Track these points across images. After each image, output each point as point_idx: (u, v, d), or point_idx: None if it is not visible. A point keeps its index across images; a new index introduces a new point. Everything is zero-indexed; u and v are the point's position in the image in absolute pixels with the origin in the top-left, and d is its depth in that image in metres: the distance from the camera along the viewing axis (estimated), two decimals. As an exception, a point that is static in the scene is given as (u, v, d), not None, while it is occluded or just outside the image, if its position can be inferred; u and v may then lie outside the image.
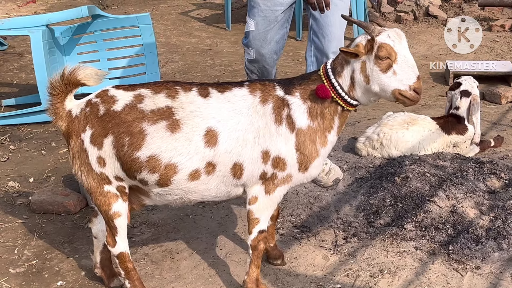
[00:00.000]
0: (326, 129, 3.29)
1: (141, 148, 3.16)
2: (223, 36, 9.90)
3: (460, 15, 10.20)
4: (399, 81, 3.11)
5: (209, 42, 9.57)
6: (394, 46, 3.10)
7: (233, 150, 3.22)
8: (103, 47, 6.85)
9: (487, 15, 10.12)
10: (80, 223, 4.42)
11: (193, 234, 4.23)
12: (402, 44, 3.13)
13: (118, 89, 3.31)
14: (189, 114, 3.21)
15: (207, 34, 10.04)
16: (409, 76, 3.12)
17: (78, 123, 3.27)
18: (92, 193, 3.32)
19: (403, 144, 5.05)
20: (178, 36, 9.87)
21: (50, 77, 3.33)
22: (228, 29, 10.20)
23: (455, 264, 3.78)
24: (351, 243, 4.05)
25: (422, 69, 8.05)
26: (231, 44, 9.44)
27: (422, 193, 4.32)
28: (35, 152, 5.64)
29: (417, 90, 3.12)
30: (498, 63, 7.58)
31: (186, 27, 10.47)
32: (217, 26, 10.44)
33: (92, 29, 6.72)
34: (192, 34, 10.02)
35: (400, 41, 3.12)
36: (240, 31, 10.12)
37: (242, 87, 3.35)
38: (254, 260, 3.46)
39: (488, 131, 5.90)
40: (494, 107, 6.58)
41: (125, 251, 3.45)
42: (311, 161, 3.30)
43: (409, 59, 3.13)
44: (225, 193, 3.36)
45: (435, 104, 6.77)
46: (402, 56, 3.11)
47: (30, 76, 7.76)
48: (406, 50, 3.13)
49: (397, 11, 10.33)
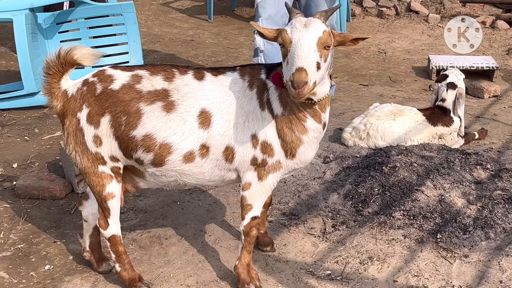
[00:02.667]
0: (299, 118, 3.21)
1: (137, 127, 3.17)
2: (205, 27, 9.89)
3: (441, 11, 10.32)
4: (287, 71, 2.93)
5: (191, 33, 9.56)
6: (291, 33, 2.93)
7: (225, 133, 3.23)
8: (86, 35, 6.79)
9: (468, 12, 10.22)
10: (66, 208, 4.40)
11: (181, 220, 4.24)
12: (303, 32, 2.91)
13: (116, 69, 3.30)
14: (184, 95, 3.22)
15: (189, 25, 10.02)
16: (291, 67, 2.89)
17: (74, 102, 3.25)
18: (86, 174, 3.30)
19: (390, 134, 5.10)
20: (160, 27, 9.84)
21: (34, 61, 3.30)
22: (210, 20, 10.19)
23: (444, 252, 3.84)
24: (340, 231, 4.09)
25: (405, 63, 8.13)
26: (214, 35, 9.43)
27: (409, 183, 4.37)
28: (18, 138, 5.59)
29: (293, 83, 2.85)
30: (480, 58, 7.68)
31: (167, 17, 10.44)
32: (199, 18, 10.42)
33: (75, 16, 6.66)
34: (174, 25, 10.00)
35: (302, 28, 2.92)
36: (222, 23, 10.13)
37: (235, 71, 3.36)
38: (246, 246, 3.46)
39: (472, 124, 5.98)
40: (477, 101, 6.66)
41: (117, 234, 3.44)
42: (295, 148, 3.27)
43: (299, 48, 2.88)
44: (219, 177, 3.37)
45: (418, 97, 6.84)
46: (294, 45, 2.89)
47: (10, 63, 7.68)
48: (304, 39, 2.89)
49: (379, 6, 10.39)
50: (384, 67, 8.05)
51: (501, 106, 6.54)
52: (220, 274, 3.68)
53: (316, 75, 2.93)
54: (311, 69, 2.89)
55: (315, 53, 2.91)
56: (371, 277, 3.63)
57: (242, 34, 9.50)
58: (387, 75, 7.70)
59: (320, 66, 2.94)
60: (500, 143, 5.54)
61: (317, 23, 2.97)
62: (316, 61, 2.92)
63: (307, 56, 2.89)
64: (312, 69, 2.90)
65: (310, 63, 2.89)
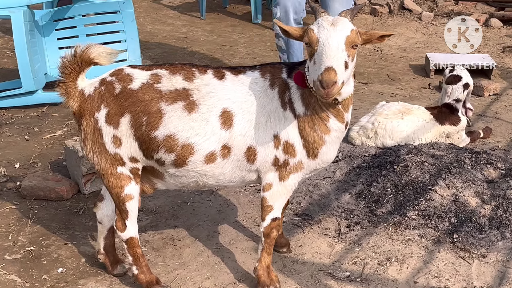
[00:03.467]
0: (322, 118, 3.16)
1: (158, 127, 3.10)
2: (198, 24, 9.80)
3: (434, 9, 10.33)
4: (314, 71, 2.88)
5: (185, 30, 9.47)
6: (318, 33, 2.88)
7: (247, 133, 3.17)
8: (83, 33, 6.69)
9: (461, 10, 10.23)
10: (74, 210, 4.32)
11: (193, 221, 4.17)
12: (330, 31, 2.85)
13: (134, 68, 3.24)
14: (205, 95, 3.16)
15: (181, 22, 9.93)
16: (319, 66, 2.84)
17: (91, 102, 3.18)
18: (104, 175, 3.23)
19: (398, 133, 5.07)
20: (152, 24, 9.73)
21: (32, 59, 3.23)
22: (202, 18, 10.10)
23: (461, 253, 3.81)
24: (355, 231, 4.05)
25: (401, 61, 8.12)
26: (207, 33, 9.35)
27: (422, 182, 4.34)
28: (18, 137, 5.49)
29: (322, 83, 2.80)
30: (477, 57, 7.68)
31: (159, 14, 10.33)
32: (191, 15, 10.33)
33: (72, 13, 6.56)
34: (166, 22, 9.90)
35: (329, 27, 2.86)
36: (214, 20, 10.05)
37: (255, 70, 3.31)
38: (266, 248, 3.41)
39: (475, 122, 5.97)
40: (477, 99, 6.65)
41: (135, 236, 3.38)
42: (317, 148, 3.22)
43: (327, 48, 2.83)
44: (239, 178, 3.31)
45: (419, 95, 6.83)
46: (321, 44, 2.84)
47: (3, 60, 7.56)
48: (332, 38, 2.84)
49: (372, 4, 10.37)
50: (381, 65, 8.03)
51: (502, 104, 6.54)
52: (238, 276, 3.62)
53: (344, 74, 2.89)
54: (340, 69, 2.84)
55: (343, 52, 2.87)
56: (391, 279, 3.59)
57: (236, 32, 9.43)
58: (385, 73, 7.68)
59: (347, 66, 2.90)
60: (505, 141, 5.54)
61: (345, 21, 2.92)
62: (344, 60, 2.87)
63: (336, 55, 2.84)
64: (341, 68, 2.85)
65: (339, 63, 2.85)
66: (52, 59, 6.57)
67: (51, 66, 6.56)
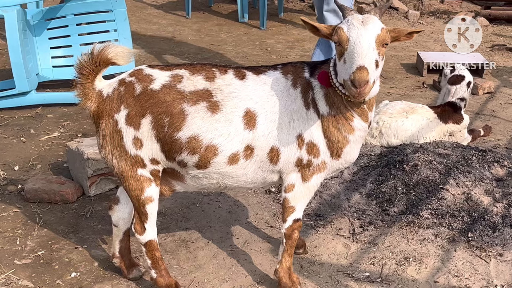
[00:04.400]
0: (346, 117, 3.13)
1: (182, 128, 3.05)
2: (184, 24, 9.72)
3: (420, 7, 10.37)
4: (345, 70, 2.86)
5: (171, 29, 9.38)
6: (348, 31, 2.85)
7: (270, 134, 3.13)
8: (75, 32, 6.60)
9: (447, 9, 10.31)
10: (81, 213, 4.24)
11: (204, 223, 4.12)
12: (361, 30, 2.83)
13: (154, 68, 3.17)
14: (227, 95, 3.11)
15: (167, 21, 9.84)
16: (350, 66, 2.82)
17: (110, 103, 3.11)
18: (124, 177, 3.16)
19: (403, 132, 5.07)
20: (138, 23, 9.63)
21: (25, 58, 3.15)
22: (188, 17, 10.03)
23: (477, 251, 3.80)
24: (369, 231, 4.02)
25: (393, 60, 8.13)
26: (195, 32, 9.28)
27: (433, 181, 4.33)
28: (14, 139, 5.38)
29: (354, 82, 2.79)
30: (468, 55, 7.71)
31: (144, 13, 10.24)
32: (176, 14, 10.25)
33: (64, 12, 6.46)
34: (152, 21, 9.80)
35: (360, 26, 2.84)
36: (200, 19, 9.98)
37: (276, 69, 3.27)
38: (288, 249, 3.37)
39: (473, 121, 5.98)
40: (473, 98, 6.66)
41: (154, 239, 3.32)
42: (341, 148, 3.19)
43: (359, 46, 2.81)
44: (261, 179, 3.27)
45: (414, 94, 6.83)
46: (352, 43, 2.82)
47: (-10, 60, 7.44)
48: (363, 37, 2.82)
49: (358, 2, 10.40)
50: (373, 63, 8.00)
51: (497, 102, 6.58)
52: (256, 278, 3.58)
53: (375, 73, 2.88)
54: (371, 68, 2.82)
55: (374, 51, 2.85)
56: (411, 278, 3.57)
57: (223, 31, 9.37)
58: (378, 72, 7.66)
59: (378, 64, 2.89)
60: (505, 139, 5.57)
61: (375, 20, 2.90)
62: (375, 59, 2.85)
63: (367, 54, 2.81)
64: (372, 67, 2.83)
65: (371, 61, 2.82)
66: (43, 59, 6.48)
67: (43, 66, 6.45)
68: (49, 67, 6.50)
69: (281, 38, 9.04)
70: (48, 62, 6.52)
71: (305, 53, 8.29)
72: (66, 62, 6.59)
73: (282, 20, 10.02)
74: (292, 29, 9.52)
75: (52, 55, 6.56)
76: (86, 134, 5.46)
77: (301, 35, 9.22)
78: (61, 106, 6.07)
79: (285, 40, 8.91)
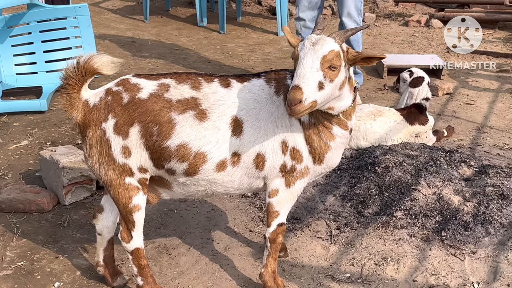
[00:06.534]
0: (325, 125, 3.23)
1: (171, 136, 3.10)
2: (143, 28, 9.72)
3: (375, 10, 10.57)
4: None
5: (131, 34, 9.37)
6: (300, 50, 2.97)
7: (256, 140, 3.20)
8: (38, 39, 6.56)
9: (401, 11, 10.54)
10: (58, 222, 4.23)
11: (184, 229, 4.16)
12: (308, 51, 2.93)
13: (140, 78, 3.22)
14: (214, 103, 3.18)
15: (125, 26, 9.82)
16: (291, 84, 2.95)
17: (97, 113, 3.14)
18: (112, 186, 3.19)
19: (372, 134, 5.19)
20: (96, 28, 9.53)
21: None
22: (146, 21, 10.03)
23: (452, 250, 3.94)
24: (346, 233, 4.13)
25: (352, 63, 8.26)
26: (154, 36, 9.28)
27: (405, 182, 4.46)
28: (-18, 148, 5.34)
29: (287, 100, 2.91)
30: (426, 57, 7.93)
31: (101, 18, 10.20)
32: (134, 18, 10.24)
33: (27, 19, 6.42)
34: (110, 26, 9.77)
35: (309, 47, 2.94)
36: (159, 24, 9.99)
37: (260, 77, 3.34)
38: (272, 253, 3.45)
39: (435, 122, 6.12)
40: (433, 99, 6.81)
41: (141, 247, 3.35)
42: (323, 153, 3.28)
43: (300, 66, 2.92)
44: (247, 185, 3.34)
45: (376, 96, 6.98)
46: (298, 62, 2.95)
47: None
48: (307, 58, 2.92)
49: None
50: (333, 66, 8.14)
51: (457, 103, 6.77)
52: (240, 282, 3.64)
53: (318, 94, 2.92)
54: (309, 88, 2.89)
55: (318, 72, 2.91)
56: (391, 278, 3.69)
57: (183, 35, 9.40)
58: (339, 75, 7.80)
59: (323, 86, 2.93)
60: (468, 139, 5.75)
61: (326, 42, 2.96)
62: (317, 81, 2.91)
63: (306, 74, 2.90)
64: (311, 88, 2.89)
65: (309, 82, 2.89)
66: (6, 66, 6.43)
67: (6, 74, 6.40)
68: (13, 75, 6.45)
69: (242, 41, 9.12)
70: (11, 70, 6.47)
71: (266, 56, 8.38)
72: (29, 69, 6.55)
73: (241, 23, 10.11)
74: (252, 33, 9.61)
75: (15, 63, 6.50)
76: (55, 142, 5.44)
77: (261, 38, 9.32)
78: (27, 114, 6.02)
79: (246, 44, 8.99)
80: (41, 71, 6.60)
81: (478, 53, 8.48)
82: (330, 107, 3.12)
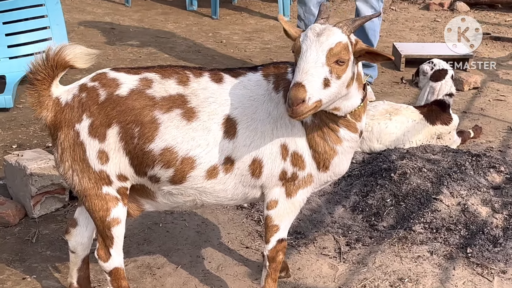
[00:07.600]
0: (331, 127, 3.23)
1: (154, 139, 3.10)
2: (123, 12, 9.77)
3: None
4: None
5: (109, 19, 9.41)
6: (302, 42, 2.94)
7: (252, 144, 3.21)
8: (1, 20, 6.57)
9: (422, -8, 10.59)
10: (25, 237, 4.25)
11: (170, 245, 4.18)
12: (312, 42, 2.91)
13: (119, 72, 3.22)
14: (204, 101, 3.18)
15: (103, 10, 9.87)
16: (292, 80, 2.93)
17: (70, 112, 3.14)
18: (87, 196, 3.19)
19: (387, 136, 5.21)
20: (69, 12, 9.61)
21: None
22: (127, 4, 10.09)
23: (478, 269, 3.96)
24: (357, 249, 4.15)
25: (365, 52, 8.28)
26: (136, 22, 9.33)
27: (425, 191, 4.48)
28: None
29: (288, 99, 2.88)
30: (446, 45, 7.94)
31: (75, 1, 10.24)
32: (113, 1, 10.29)
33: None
34: (86, 10, 9.82)
35: (313, 38, 2.92)
36: (142, 8, 10.03)
37: (256, 71, 3.35)
38: (272, 274, 3.46)
39: (460, 120, 6.15)
40: (458, 94, 6.86)
41: (120, 267, 3.36)
42: (329, 159, 3.28)
43: (303, 60, 2.90)
44: (242, 195, 3.35)
45: (392, 91, 7.01)
46: (300, 56, 2.93)
47: None
48: (311, 50, 2.90)
49: None
50: (343, 57, 8.16)
51: (485, 99, 6.80)
52: (235, 307, 3.66)
53: (323, 93, 2.90)
54: (313, 86, 2.86)
55: (323, 68, 2.90)
56: (408, 302, 3.71)
57: (170, 21, 9.44)
58: (350, 66, 7.82)
59: (329, 84, 2.91)
60: (498, 141, 5.78)
61: (332, 32, 2.94)
62: (323, 77, 2.89)
63: (309, 70, 2.87)
64: (315, 85, 2.87)
65: (313, 79, 2.87)
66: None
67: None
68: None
69: (237, 28, 9.15)
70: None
71: (265, 45, 8.41)
72: (-8, 60, 6.58)
73: (237, 7, 10.15)
74: (249, 18, 9.65)
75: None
76: (22, 145, 5.46)
77: (259, 24, 9.35)
78: (-11, 113, 6.07)
79: (242, 31, 9.02)
80: (4, 57, 6.59)
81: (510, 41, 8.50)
82: (336, 108, 3.12)
